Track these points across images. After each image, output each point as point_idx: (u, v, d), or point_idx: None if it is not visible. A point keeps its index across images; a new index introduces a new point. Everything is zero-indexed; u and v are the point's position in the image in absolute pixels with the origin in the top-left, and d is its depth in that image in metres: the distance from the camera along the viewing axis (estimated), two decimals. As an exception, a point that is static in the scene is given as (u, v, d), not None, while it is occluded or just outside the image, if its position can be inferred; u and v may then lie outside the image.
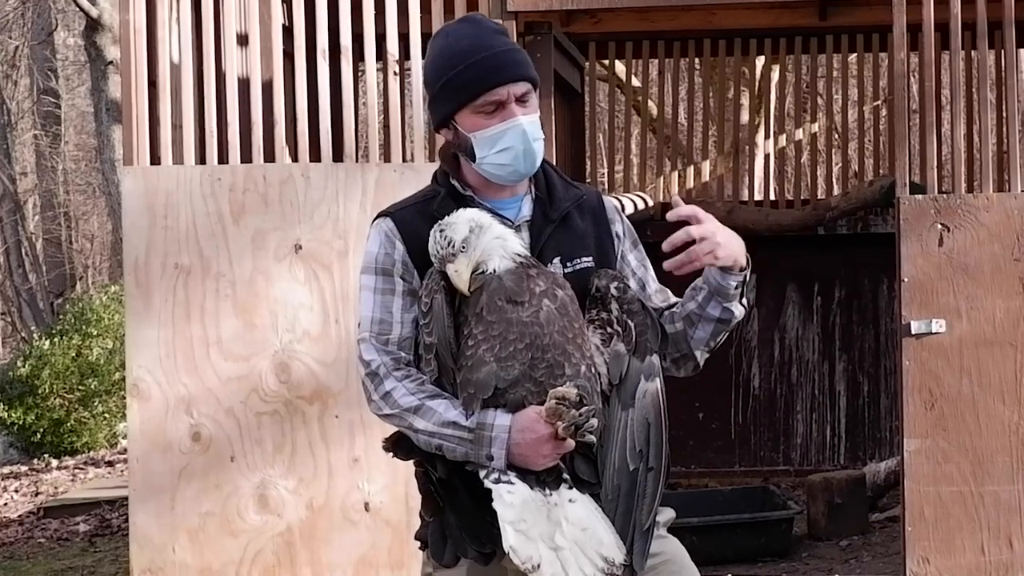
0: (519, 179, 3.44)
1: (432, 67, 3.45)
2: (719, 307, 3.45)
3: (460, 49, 3.40)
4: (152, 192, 6.36)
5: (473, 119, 3.39)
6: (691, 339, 3.50)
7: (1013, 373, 6.13)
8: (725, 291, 3.43)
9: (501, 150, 3.38)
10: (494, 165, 3.39)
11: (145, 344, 6.36)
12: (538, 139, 3.42)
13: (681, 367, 3.57)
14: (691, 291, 3.50)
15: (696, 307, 3.47)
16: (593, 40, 9.80)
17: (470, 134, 3.39)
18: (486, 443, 3.18)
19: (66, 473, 12.38)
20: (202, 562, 6.37)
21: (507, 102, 3.38)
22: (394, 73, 6.77)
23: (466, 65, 3.37)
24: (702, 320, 3.47)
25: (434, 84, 3.43)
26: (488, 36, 3.44)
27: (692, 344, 3.50)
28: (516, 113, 3.39)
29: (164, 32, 6.46)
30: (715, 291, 3.44)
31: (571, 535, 3.14)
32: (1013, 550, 6.14)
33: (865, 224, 9.42)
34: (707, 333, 3.49)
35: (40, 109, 21.70)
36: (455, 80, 3.38)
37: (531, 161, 3.42)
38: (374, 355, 3.34)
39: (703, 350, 3.53)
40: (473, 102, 3.38)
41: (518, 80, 3.40)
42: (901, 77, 6.46)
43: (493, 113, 3.38)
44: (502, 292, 3.24)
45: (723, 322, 3.48)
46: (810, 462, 9.65)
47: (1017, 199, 6.17)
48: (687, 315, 3.49)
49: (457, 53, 3.40)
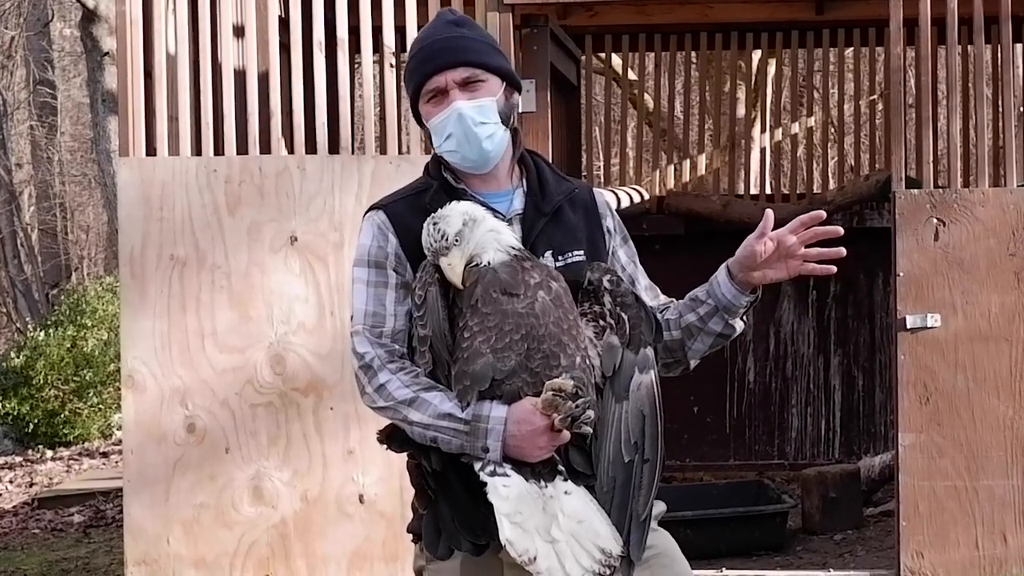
0: (473, 166, 3.43)
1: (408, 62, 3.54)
2: (722, 323, 3.46)
3: (415, 44, 3.50)
4: (148, 183, 6.36)
5: (425, 108, 3.44)
6: (688, 349, 3.51)
7: (1008, 368, 6.14)
8: (735, 309, 3.44)
9: (445, 137, 3.40)
10: (446, 152, 3.42)
11: (140, 335, 6.35)
12: (482, 123, 3.39)
13: (671, 370, 3.57)
14: (690, 302, 3.50)
15: (697, 320, 3.47)
16: (589, 33, 9.79)
17: (427, 124, 3.44)
18: (482, 435, 3.18)
19: (61, 464, 12.39)
20: (196, 554, 6.37)
21: (446, 89, 3.39)
22: (390, 65, 6.76)
23: (415, 52, 3.45)
24: (702, 333, 3.48)
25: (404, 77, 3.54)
26: (440, 28, 3.47)
27: (688, 354, 3.52)
28: (455, 99, 3.39)
29: (160, 23, 6.46)
30: (723, 308, 3.44)
31: (567, 527, 3.13)
32: (1007, 544, 6.15)
33: (861, 218, 9.41)
34: (705, 346, 3.50)
35: (36, 100, 21.68)
36: (407, 74, 3.47)
37: (476, 146, 3.39)
38: (368, 348, 3.33)
39: (696, 360, 3.55)
40: (420, 92, 3.43)
41: (455, 66, 3.40)
42: (897, 72, 6.46)
43: (439, 102, 3.40)
44: (497, 284, 3.23)
45: (723, 336, 3.49)
46: (805, 456, 9.66)
47: (1013, 194, 6.18)
48: (687, 327, 3.49)
49: (412, 48, 3.50)
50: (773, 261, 3.41)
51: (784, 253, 3.40)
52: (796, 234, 3.38)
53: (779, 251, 3.39)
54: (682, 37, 10.04)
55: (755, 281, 3.43)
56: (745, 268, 3.42)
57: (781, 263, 3.41)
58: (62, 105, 22.64)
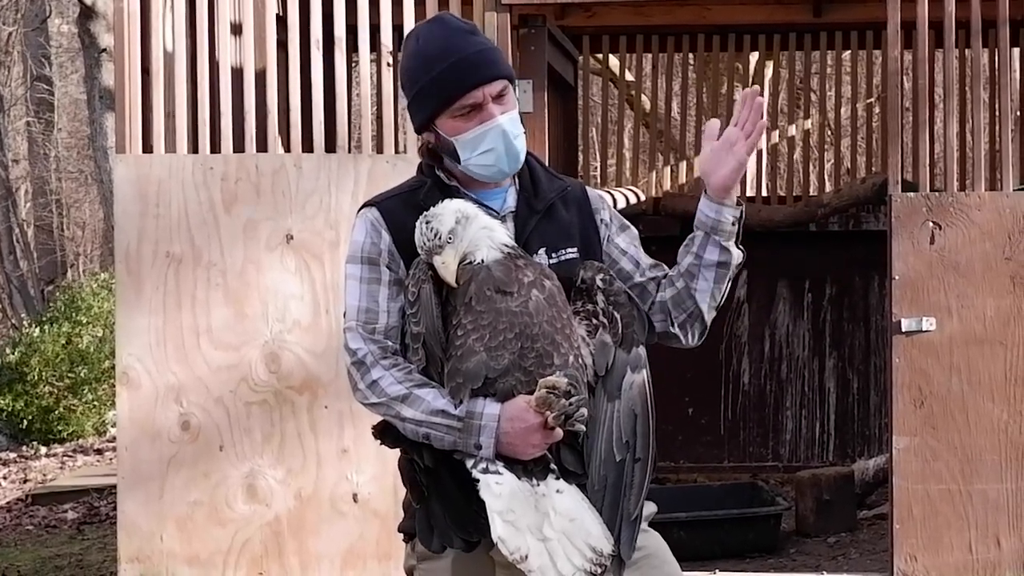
0: (505, 177, 3.44)
1: (406, 73, 3.43)
2: (717, 248, 3.42)
3: (431, 54, 3.37)
4: (144, 180, 6.36)
5: (452, 123, 3.37)
6: (695, 292, 3.45)
7: (1003, 372, 6.14)
8: (721, 227, 3.40)
9: (484, 151, 3.36)
10: (479, 166, 3.38)
11: (135, 332, 6.35)
12: (519, 135, 3.40)
13: (688, 331, 3.51)
14: (684, 247, 3.47)
15: (693, 258, 3.44)
16: (587, 34, 9.79)
17: (451, 138, 3.37)
18: (475, 432, 3.17)
19: (55, 460, 12.38)
20: (190, 551, 6.37)
21: (484, 103, 3.36)
22: (387, 64, 6.76)
23: (439, 71, 3.34)
24: (702, 268, 3.43)
25: (409, 90, 3.42)
26: (459, 37, 3.40)
27: (697, 297, 3.45)
28: (495, 113, 3.37)
29: (158, 20, 6.46)
30: (711, 229, 3.41)
31: (559, 525, 3.13)
32: (1000, 548, 6.15)
33: (857, 221, 9.42)
34: (710, 281, 3.44)
35: (33, 96, 21.65)
36: (429, 87, 3.36)
37: (515, 158, 3.41)
38: (360, 344, 3.33)
39: (708, 304, 3.47)
40: (449, 107, 3.36)
41: (492, 80, 3.38)
42: (894, 75, 6.46)
43: (470, 115, 3.36)
44: (491, 282, 3.23)
45: (723, 265, 3.43)
46: (799, 458, 9.66)
47: (1009, 198, 6.18)
48: (686, 270, 3.45)
49: (429, 58, 3.37)
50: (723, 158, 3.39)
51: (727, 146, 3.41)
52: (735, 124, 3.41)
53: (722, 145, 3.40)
54: (680, 38, 10.04)
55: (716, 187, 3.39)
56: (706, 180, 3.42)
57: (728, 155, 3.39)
58: (59, 101, 22.61)
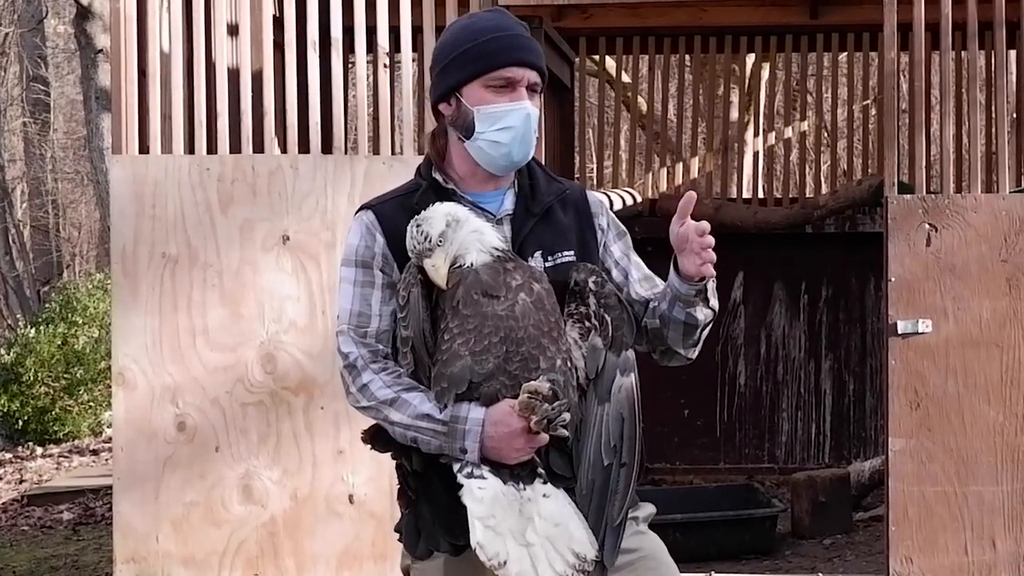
0: (508, 164, 3.43)
1: (450, 40, 3.45)
2: (683, 311, 3.42)
3: (484, 26, 3.42)
4: (140, 181, 6.36)
5: (481, 93, 3.38)
6: (667, 337, 3.48)
7: (999, 374, 6.14)
8: (685, 298, 3.40)
9: (502, 128, 3.37)
10: (489, 143, 3.38)
11: (131, 333, 6.35)
12: (535, 131, 3.43)
13: (671, 360, 3.56)
14: (663, 291, 3.49)
15: (666, 308, 3.45)
16: (583, 35, 9.79)
17: (474, 107, 3.38)
18: (460, 436, 3.18)
19: (50, 461, 12.38)
20: (186, 552, 6.37)
21: (519, 83, 3.40)
22: (384, 66, 6.76)
23: (490, 38, 3.38)
24: (671, 322, 3.45)
25: (448, 54, 3.42)
26: (510, 22, 3.46)
27: (670, 342, 3.49)
28: (525, 97, 3.40)
29: (154, 21, 6.45)
30: (676, 296, 3.41)
31: (543, 530, 3.13)
32: (996, 551, 6.15)
33: (853, 223, 9.43)
34: (678, 335, 3.47)
35: (29, 97, 21.65)
36: (474, 50, 3.38)
37: (526, 147, 3.42)
38: (352, 347, 3.34)
39: (683, 348, 3.50)
40: (488, 73, 3.37)
41: (536, 67, 3.43)
42: (891, 76, 6.46)
43: (502, 90, 3.38)
44: (478, 286, 3.23)
45: (689, 325, 3.45)
46: (795, 460, 9.66)
47: (1005, 200, 6.18)
48: (660, 315, 3.47)
49: (481, 29, 3.41)
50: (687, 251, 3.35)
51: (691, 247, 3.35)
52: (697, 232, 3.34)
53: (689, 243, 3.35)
54: (676, 40, 10.05)
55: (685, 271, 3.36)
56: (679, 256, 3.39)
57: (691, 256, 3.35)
58: (55, 102, 22.63)
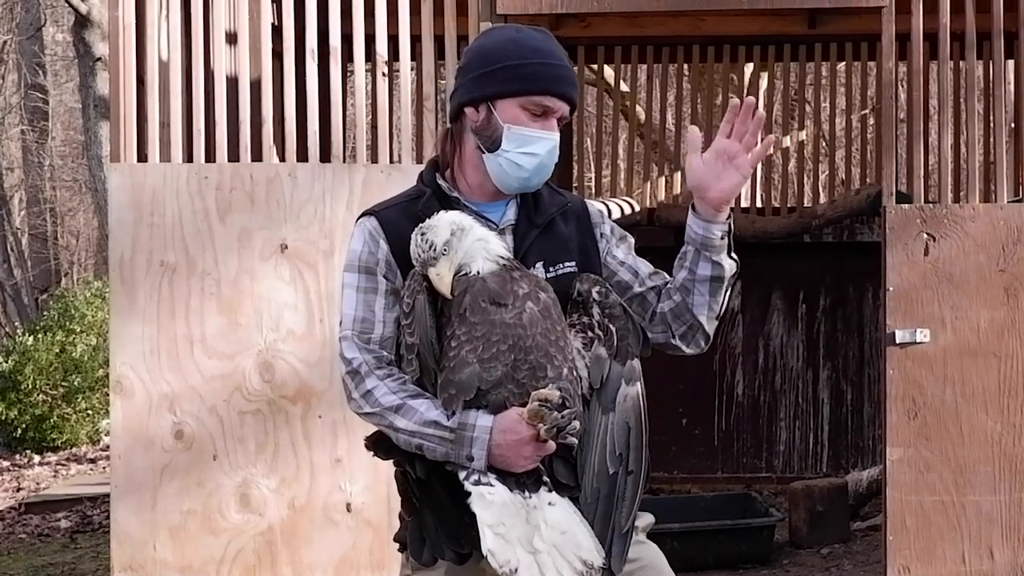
0: (521, 187, 3.44)
1: (496, 49, 3.45)
2: (708, 263, 3.43)
3: (535, 47, 3.44)
4: (139, 189, 6.36)
5: (516, 112, 3.40)
6: (692, 306, 3.46)
7: (996, 383, 6.14)
8: (710, 242, 3.41)
9: (527, 152, 3.39)
10: (511, 163, 3.39)
11: (129, 341, 6.35)
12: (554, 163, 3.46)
13: (691, 342, 3.53)
14: (678, 260, 3.48)
15: (687, 273, 3.45)
16: (582, 44, 9.81)
17: (505, 124, 3.39)
18: (467, 443, 3.17)
19: (48, 469, 12.36)
20: (183, 560, 6.36)
21: (554, 114, 3.43)
22: (382, 74, 6.76)
23: (540, 63, 3.41)
24: (696, 283, 3.45)
25: (492, 62, 3.42)
26: (562, 52, 3.50)
27: (695, 311, 3.47)
28: (555, 128, 3.44)
29: (153, 29, 6.46)
30: (701, 245, 3.42)
31: (550, 538, 3.12)
32: (994, 560, 6.15)
33: (851, 232, 9.43)
34: (705, 295, 3.45)
35: (28, 104, 21.66)
36: (524, 69, 3.39)
37: (542, 176, 3.45)
38: (356, 353, 3.33)
39: (707, 316, 3.48)
40: (531, 96, 3.39)
41: (572, 103, 3.47)
42: (889, 86, 6.46)
43: (536, 117, 3.41)
44: (485, 294, 3.23)
45: (716, 280, 3.44)
46: (792, 469, 9.67)
47: (1003, 209, 6.19)
48: (681, 284, 3.46)
49: (533, 49, 3.43)
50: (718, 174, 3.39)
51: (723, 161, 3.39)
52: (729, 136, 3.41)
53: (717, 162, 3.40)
54: (674, 49, 10.06)
55: (715, 201, 3.39)
56: (701, 195, 3.41)
57: (730, 168, 3.39)
58: (54, 110, 22.63)
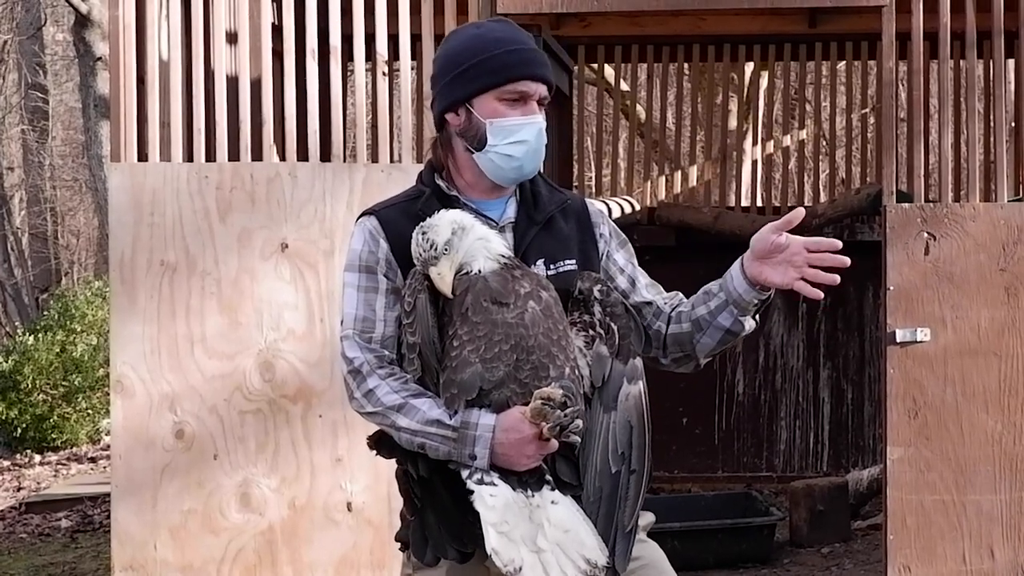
0: (518, 177, 3.43)
1: (460, 49, 3.44)
2: (731, 318, 3.41)
3: (497, 37, 3.42)
4: (139, 189, 6.35)
5: (493, 105, 3.39)
6: (696, 343, 3.46)
7: (997, 383, 6.14)
8: (745, 305, 3.39)
9: (515, 141, 3.38)
10: (502, 156, 3.38)
11: (129, 340, 6.34)
12: (545, 145, 3.45)
13: (681, 366, 3.55)
14: (704, 295, 3.46)
15: (707, 313, 3.43)
16: (582, 43, 9.81)
17: (486, 120, 3.38)
18: (470, 442, 3.17)
19: (48, 469, 12.37)
20: (183, 560, 6.36)
21: (532, 97, 3.41)
22: (383, 73, 6.76)
23: (504, 51, 3.38)
24: (711, 328, 3.43)
25: (458, 64, 3.41)
26: (526, 36, 3.47)
27: (697, 349, 3.47)
28: (537, 111, 3.42)
29: (153, 29, 6.45)
30: (734, 302, 3.39)
31: (553, 537, 3.12)
32: (994, 559, 6.15)
33: (851, 232, 9.43)
34: (714, 341, 3.45)
35: (28, 104, 21.67)
36: (490, 62, 3.38)
37: (537, 161, 3.43)
38: (357, 352, 3.32)
39: (706, 356, 3.50)
40: (503, 86, 3.38)
41: (547, 82, 3.45)
42: (889, 85, 6.46)
43: (515, 104, 3.39)
44: (487, 293, 3.22)
45: (731, 333, 3.43)
46: (793, 469, 9.67)
47: (1003, 209, 6.19)
48: (696, 319, 3.45)
49: (494, 40, 3.41)
50: (776, 261, 3.33)
51: (787, 258, 3.32)
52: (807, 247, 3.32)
53: (784, 254, 3.32)
54: (675, 49, 10.06)
55: (762, 279, 3.34)
56: (756, 259, 3.35)
57: (782, 267, 3.32)
58: (54, 110, 22.64)
